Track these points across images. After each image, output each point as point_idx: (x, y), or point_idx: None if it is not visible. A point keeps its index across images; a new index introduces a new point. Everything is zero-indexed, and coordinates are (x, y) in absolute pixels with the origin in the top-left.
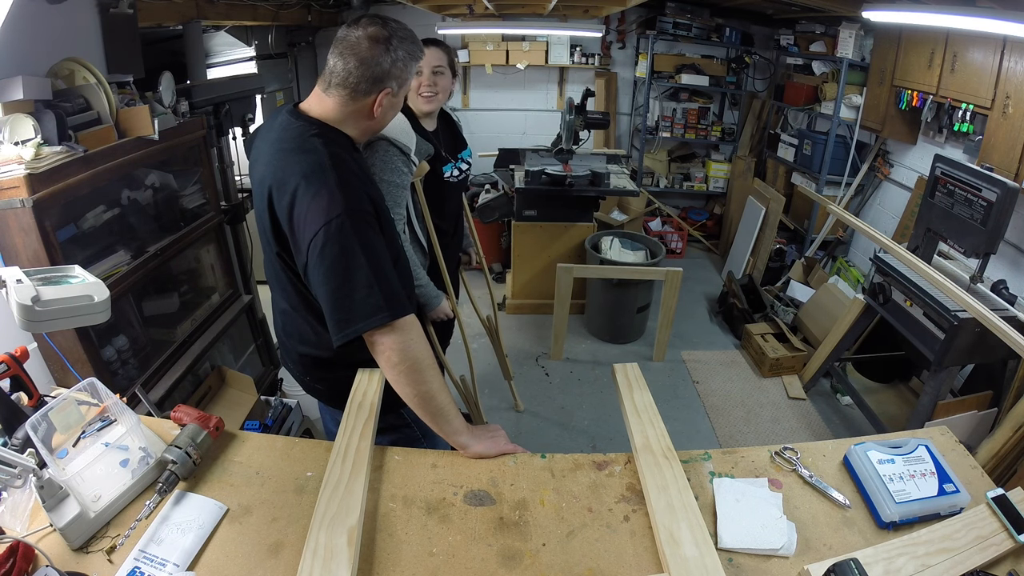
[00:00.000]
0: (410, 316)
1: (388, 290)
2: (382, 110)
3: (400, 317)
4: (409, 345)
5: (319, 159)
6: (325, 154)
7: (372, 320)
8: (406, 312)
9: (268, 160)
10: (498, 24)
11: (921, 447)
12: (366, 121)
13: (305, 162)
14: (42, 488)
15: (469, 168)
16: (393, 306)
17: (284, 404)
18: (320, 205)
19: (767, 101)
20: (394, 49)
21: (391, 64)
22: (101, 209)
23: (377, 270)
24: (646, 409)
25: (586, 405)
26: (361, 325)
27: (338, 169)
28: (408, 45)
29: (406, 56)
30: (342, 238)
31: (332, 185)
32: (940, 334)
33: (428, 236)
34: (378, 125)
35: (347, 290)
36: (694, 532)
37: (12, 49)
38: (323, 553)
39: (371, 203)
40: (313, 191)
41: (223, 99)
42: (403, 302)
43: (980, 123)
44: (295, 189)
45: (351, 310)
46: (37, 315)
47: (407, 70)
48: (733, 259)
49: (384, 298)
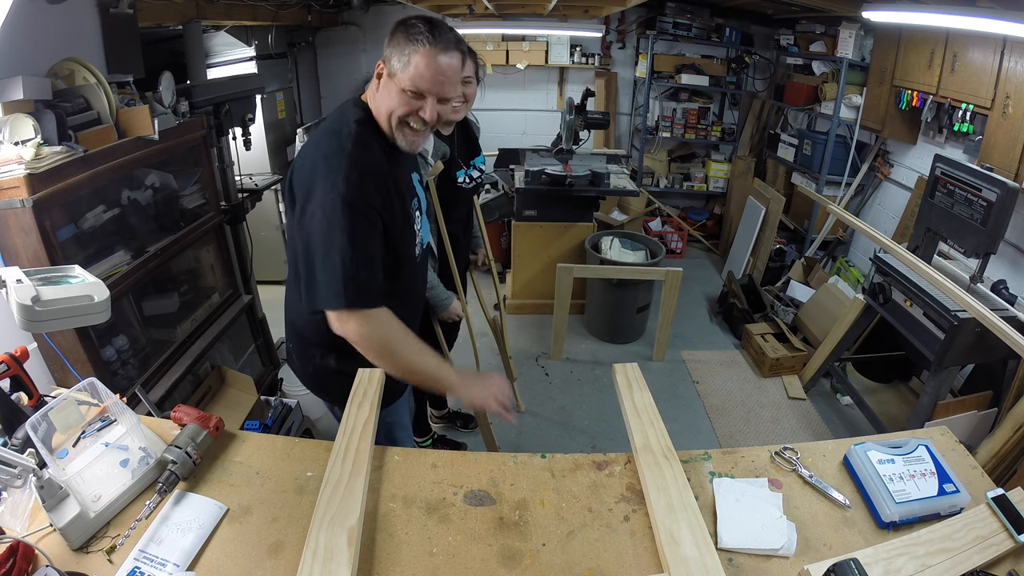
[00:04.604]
0: (376, 309)
1: (355, 279)
2: (379, 83)
3: (358, 307)
4: (371, 333)
5: (341, 143)
6: (350, 140)
7: (330, 302)
8: (368, 304)
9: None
10: (498, 24)
11: (921, 447)
12: (374, 100)
13: (329, 143)
14: (42, 488)
15: (482, 176)
16: (352, 296)
17: (284, 404)
18: (327, 183)
19: (767, 101)
20: (402, 32)
21: (391, 37)
22: (101, 209)
23: (351, 258)
24: (646, 409)
25: (586, 405)
26: (319, 303)
27: (355, 157)
28: (413, 32)
29: (404, 40)
30: (331, 218)
31: (344, 169)
32: (940, 334)
33: (440, 238)
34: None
35: (318, 267)
36: (694, 532)
37: (12, 49)
38: (323, 553)
39: (379, 198)
40: (325, 167)
41: (223, 99)
42: (367, 294)
43: (980, 123)
44: (313, 165)
45: (315, 286)
46: (37, 315)
47: (403, 51)
48: (733, 259)
49: (345, 286)
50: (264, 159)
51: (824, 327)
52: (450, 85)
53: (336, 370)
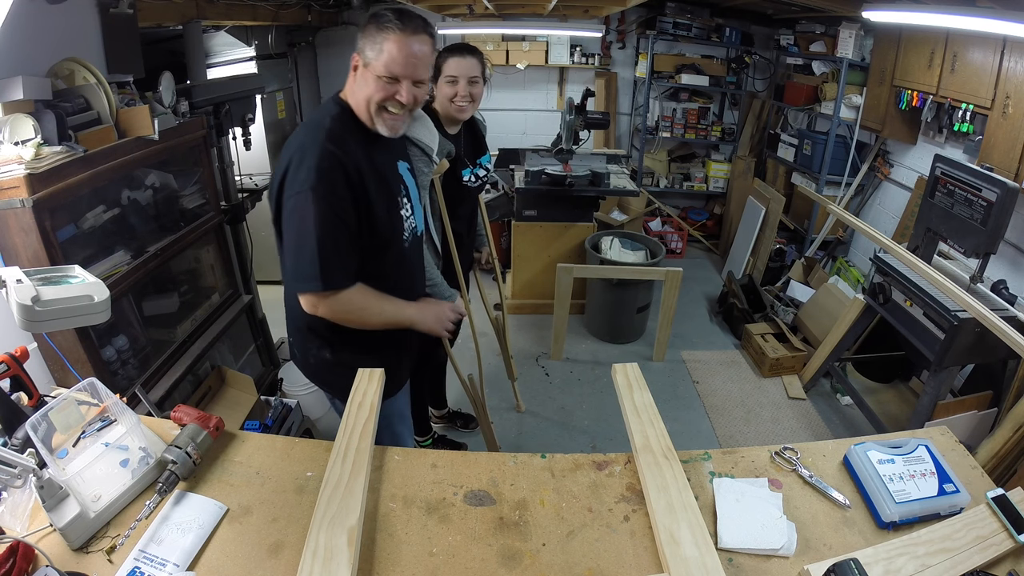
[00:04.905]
0: (345, 291)
1: (323, 265)
2: (355, 75)
3: (327, 290)
4: (339, 312)
5: (315, 137)
6: (324, 134)
7: (300, 285)
8: (336, 287)
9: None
10: (498, 24)
11: (921, 447)
12: (352, 92)
13: (305, 138)
14: (42, 488)
15: (488, 174)
16: (321, 280)
17: (284, 404)
18: (301, 174)
19: (767, 101)
20: (373, 23)
21: (363, 31)
22: (101, 209)
23: (319, 246)
24: (646, 409)
25: (586, 405)
26: (297, 286)
27: (326, 150)
28: (382, 22)
29: (375, 30)
30: (303, 208)
31: (315, 162)
32: (940, 334)
33: (444, 236)
34: (358, 94)
35: (291, 254)
36: (694, 532)
37: (12, 49)
38: (323, 553)
39: (351, 189)
40: (298, 161)
41: (223, 99)
42: (335, 278)
43: (980, 123)
44: (290, 156)
45: (287, 272)
46: (37, 315)
47: (374, 41)
48: (733, 259)
49: (314, 271)
50: (264, 159)
51: (824, 327)
52: (422, 67)
53: (334, 361)
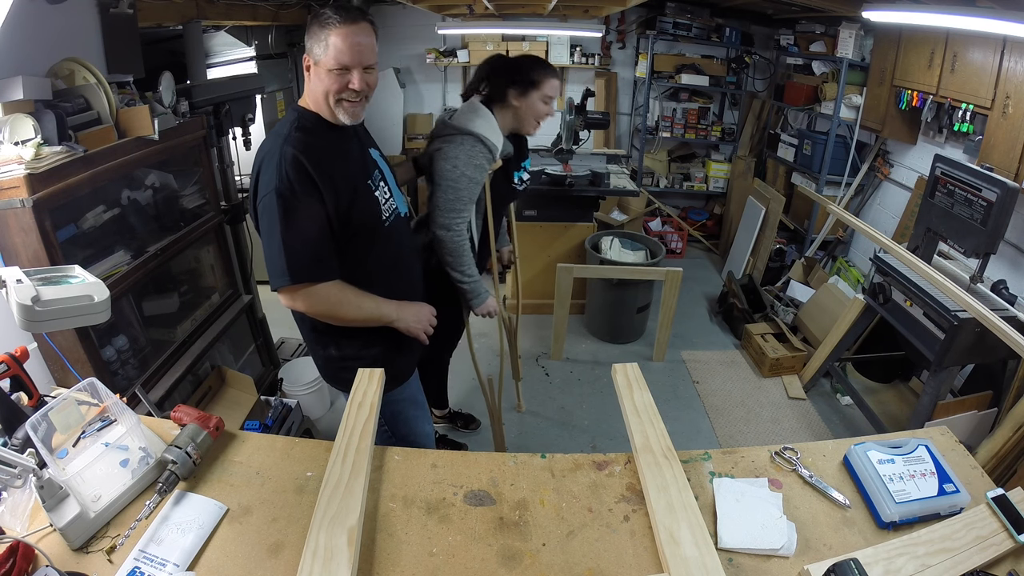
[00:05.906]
0: (319, 284)
1: (295, 259)
2: (309, 76)
3: (299, 283)
4: (315, 305)
5: (279, 143)
6: (286, 139)
7: (278, 280)
8: (310, 280)
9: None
10: (498, 24)
11: (921, 447)
12: (310, 93)
13: (271, 145)
14: (42, 488)
15: (530, 179)
16: (293, 275)
17: (284, 404)
18: (265, 179)
19: (767, 101)
20: (315, 22)
21: (307, 32)
22: (101, 209)
23: (287, 244)
24: (646, 409)
25: (586, 405)
26: (272, 283)
27: (287, 154)
28: (323, 19)
29: (318, 28)
30: (269, 210)
31: (278, 165)
32: (940, 334)
33: (484, 233)
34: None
35: (268, 252)
36: (694, 532)
37: (12, 49)
38: (323, 553)
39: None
40: (265, 166)
41: (223, 99)
42: (306, 273)
43: (980, 123)
44: (258, 168)
45: (269, 268)
46: (37, 315)
47: (319, 38)
48: (733, 259)
49: (286, 267)
50: None
51: (824, 327)
52: (368, 53)
53: (340, 357)
